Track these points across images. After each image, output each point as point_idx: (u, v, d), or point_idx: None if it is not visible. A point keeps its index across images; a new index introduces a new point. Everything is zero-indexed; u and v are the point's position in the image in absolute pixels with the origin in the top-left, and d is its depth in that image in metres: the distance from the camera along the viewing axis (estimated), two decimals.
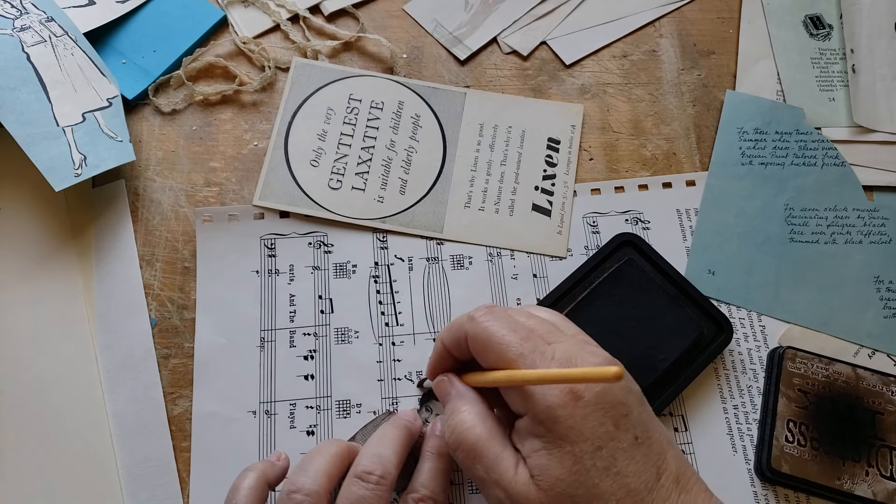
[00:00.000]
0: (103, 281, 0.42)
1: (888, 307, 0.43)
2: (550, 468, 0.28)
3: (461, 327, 0.32)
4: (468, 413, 0.31)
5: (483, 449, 0.30)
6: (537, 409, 0.29)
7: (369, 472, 0.31)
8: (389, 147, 0.46)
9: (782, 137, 0.47)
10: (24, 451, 0.38)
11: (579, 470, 0.28)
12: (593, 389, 0.28)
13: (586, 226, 0.44)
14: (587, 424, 0.28)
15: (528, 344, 0.30)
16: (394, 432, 0.34)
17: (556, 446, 0.28)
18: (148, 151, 0.45)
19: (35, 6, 0.45)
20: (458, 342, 0.33)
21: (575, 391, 0.28)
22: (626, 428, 0.29)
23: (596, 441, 0.28)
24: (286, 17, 0.49)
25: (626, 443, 0.28)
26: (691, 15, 0.51)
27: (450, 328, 0.34)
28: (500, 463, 0.30)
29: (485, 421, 0.31)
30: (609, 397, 0.29)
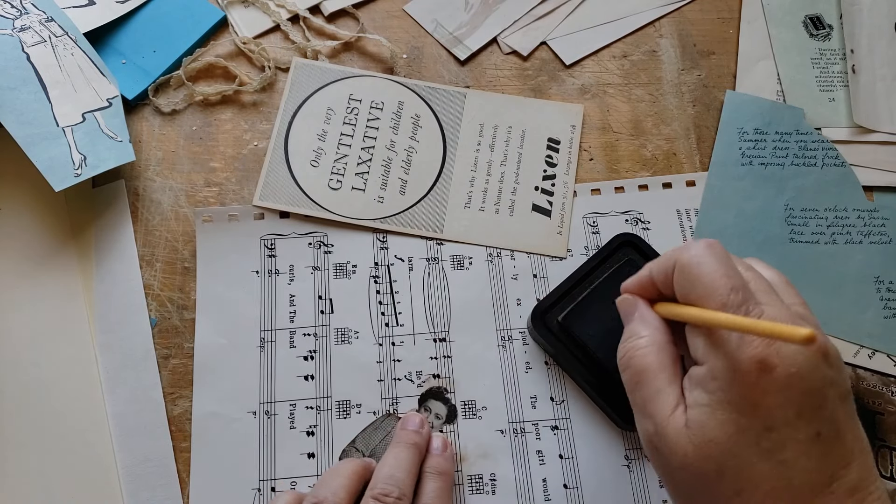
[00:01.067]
0: (103, 281, 0.42)
1: (888, 307, 0.43)
2: (708, 427, 0.26)
3: (673, 255, 0.30)
4: (646, 339, 0.30)
5: (649, 378, 0.29)
6: (718, 365, 0.26)
7: (386, 493, 0.32)
8: (389, 147, 0.46)
9: (782, 138, 0.47)
10: (24, 451, 0.38)
11: (738, 442, 0.26)
12: (788, 368, 0.25)
13: (586, 226, 0.44)
14: (766, 402, 0.25)
15: (738, 296, 0.27)
16: (406, 454, 0.35)
17: (723, 409, 0.26)
18: (148, 151, 0.45)
19: (35, 6, 0.45)
20: (666, 272, 0.30)
21: (767, 362, 0.25)
22: (810, 419, 0.26)
23: (768, 421, 0.25)
24: (286, 17, 0.49)
25: (805, 435, 0.26)
26: (691, 15, 0.51)
27: (664, 256, 0.31)
28: (659, 397, 0.28)
29: (660, 351, 0.29)
30: (804, 384, 0.25)
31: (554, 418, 0.39)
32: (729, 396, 0.26)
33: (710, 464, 0.26)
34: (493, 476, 0.38)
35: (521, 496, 0.38)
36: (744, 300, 0.27)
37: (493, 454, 0.39)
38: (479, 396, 0.40)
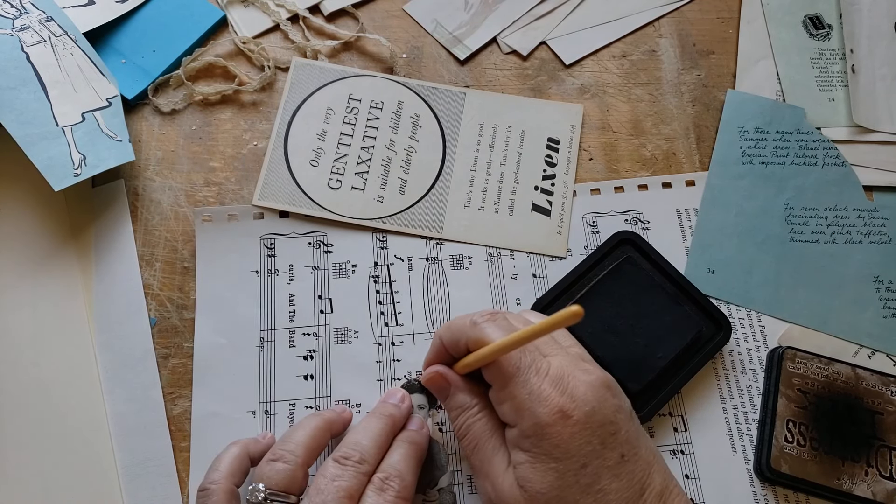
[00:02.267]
0: (103, 281, 0.42)
1: (888, 307, 0.43)
2: (533, 481, 0.29)
3: (462, 331, 0.33)
4: (478, 407, 0.33)
5: (485, 441, 0.32)
6: (526, 425, 0.30)
7: (347, 456, 0.33)
8: (389, 147, 0.46)
9: (783, 137, 0.47)
10: (24, 451, 0.38)
11: (561, 486, 0.29)
12: (582, 409, 0.29)
13: (586, 226, 0.44)
14: (574, 443, 0.29)
15: (526, 357, 0.31)
16: (376, 423, 0.35)
17: (541, 461, 0.29)
18: (147, 151, 0.45)
19: (35, 6, 0.45)
20: (456, 344, 0.34)
21: (564, 409, 0.29)
22: (613, 446, 0.29)
23: (581, 459, 0.29)
24: (286, 17, 0.49)
25: (612, 461, 0.29)
26: (691, 15, 0.51)
27: (450, 328, 0.34)
28: (493, 459, 0.31)
29: (490, 416, 0.33)
30: (598, 416, 0.29)
31: None
32: (543, 449, 0.29)
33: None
34: None
35: None
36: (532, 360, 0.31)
37: None
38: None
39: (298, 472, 0.33)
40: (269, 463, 0.33)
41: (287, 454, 0.33)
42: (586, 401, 0.29)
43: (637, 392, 0.37)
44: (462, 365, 0.34)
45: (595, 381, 0.30)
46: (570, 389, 0.30)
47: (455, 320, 0.34)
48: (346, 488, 0.31)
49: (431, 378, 0.35)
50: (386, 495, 0.32)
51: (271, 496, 0.32)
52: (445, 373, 0.34)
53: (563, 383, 0.30)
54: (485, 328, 0.32)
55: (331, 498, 0.31)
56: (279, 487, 0.32)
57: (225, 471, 0.33)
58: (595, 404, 0.29)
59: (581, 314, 0.27)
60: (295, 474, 0.32)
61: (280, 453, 0.33)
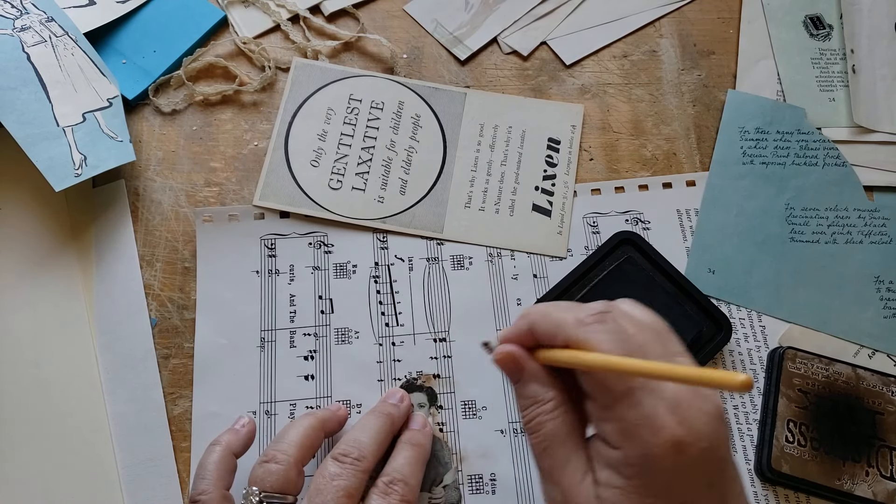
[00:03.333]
0: (103, 281, 0.42)
1: (888, 307, 0.43)
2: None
3: (563, 327, 0.28)
4: (553, 403, 0.29)
5: (558, 445, 0.28)
6: (632, 453, 0.26)
7: (345, 454, 0.32)
8: (389, 147, 0.46)
9: (784, 137, 0.47)
10: (24, 451, 0.38)
11: None
12: (699, 445, 0.25)
13: (586, 226, 0.44)
14: (681, 482, 0.25)
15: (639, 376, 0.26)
16: (375, 421, 0.35)
17: (637, 492, 0.26)
18: (148, 151, 0.45)
19: (35, 6, 0.45)
20: (552, 338, 0.29)
21: (681, 443, 0.25)
22: (718, 487, 0.26)
23: (682, 498, 0.26)
24: (286, 17, 0.49)
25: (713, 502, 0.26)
26: (691, 15, 0.51)
27: (547, 318, 0.29)
28: (568, 465, 0.28)
29: (566, 414, 0.29)
30: (713, 454, 0.26)
31: None
32: (645, 481, 0.25)
33: None
34: (493, 476, 0.38)
35: (520, 496, 0.38)
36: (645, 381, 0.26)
37: (492, 454, 0.39)
38: (479, 396, 0.40)
39: (292, 472, 0.32)
40: (262, 465, 0.32)
41: (279, 454, 0.33)
42: (705, 435, 0.25)
43: None
44: (550, 357, 0.29)
45: (714, 411, 0.26)
46: (688, 419, 0.25)
47: (554, 310, 0.29)
48: (344, 487, 0.31)
49: (503, 358, 0.30)
50: (390, 499, 0.32)
51: (267, 498, 0.31)
52: (521, 357, 0.30)
53: (681, 411, 0.25)
54: (593, 334, 0.27)
55: (330, 497, 0.31)
56: (274, 489, 0.32)
57: (213, 477, 0.33)
58: (713, 440, 0.25)
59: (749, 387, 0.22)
60: (288, 474, 0.32)
61: (272, 454, 0.33)
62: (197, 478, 0.33)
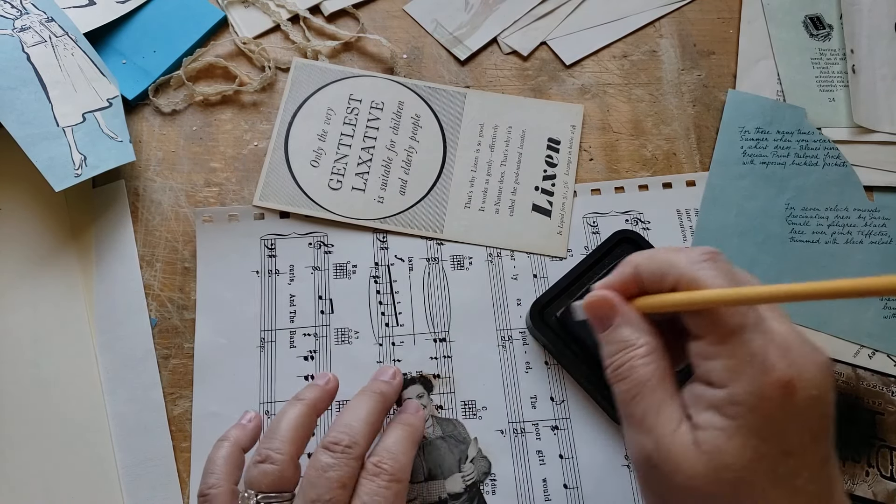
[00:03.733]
0: (103, 281, 0.42)
1: (888, 307, 0.43)
2: (724, 452, 0.25)
3: (674, 265, 0.27)
4: (646, 348, 0.28)
5: (649, 390, 0.27)
6: (740, 390, 0.25)
7: (336, 442, 0.32)
8: (389, 147, 0.46)
9: (784, 137, 0.47)
10: (24, 451, 0.38)
11: (755, 468, 0.25)
12: (810, 391, 0.25)
13: (586, 226, 0.44)
14: (789, 426, 0.25)
15: (753, 313, 0.26)
16: (366, 402, 0.34)
17: (741, 434, 0.25)
18: (148, 152, 0.45)
19: (35, 6, 0.45)
20: (660, 279, 0.28)
21: (791, 385, 0.24)
22: (822, 444, 0.26)
23: (787, 446, 0.25)
24: (286, 17, 0.49)
25: (817, 460, 0.25)
26: (691, 15, 0.51)
27: (653, 259, 0.29)
28: (662, 411, 0.27)
29: (660, 360, 0.28)
30: (821, 406, 0.25)
31: (554, 418, 0.39)
32: (750, 422, 0.25)
33: (722, 487, 0.25)
34: (494, 476, 0.38)
35: (521, 496, 0.38)
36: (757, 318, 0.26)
37: (493, 454, 0.39)
38: (479, 396, 0.40)
39: (288, 470, 0.32)
40: (256, 465, 0.32)
41: (273, 454, 0.32)
42: (815, 383, 0.25)
43: None
44: (657, 302, 0.28)
45: (825, 363, 0.26)
46: (798, 364, 0.25)
47: (661, 253, 0.29)
48: (337, 478, 0.31)
49: (595, 302, 0.29)
50: (379, 480, 0.31)
51: (264, 499, 0.31)
52: (614, 299, 0.29)
53: (792, 355, 0.25)
54: (706, 271, 0.27)
55: (324, 490, 0.30)
56: (271, 489, 0.31)
57: (221, 472, 0.32)
58: (822, 390, 0.25)
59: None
60: (284, 472, 0.32)
61: (266, 453, 0.32)
62: (206, 473, 0.33)
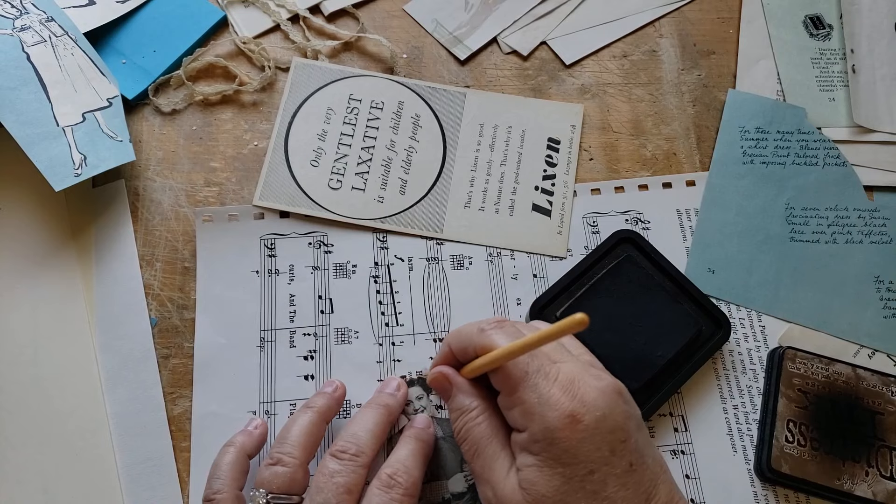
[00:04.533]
0: (103, 281, 0.42)
1: (888, 307, 0.43)
2: (538, 484, 0.29)
3: (470, 338, 0.33)
4: (477, 410, 0.32)
5: (484, 445, 0.31)
6: (535, 429, 0.29)
7: (343, 450, 0.33)
8: (389, 147, 0.46)
9: (784, 137, 0.47)
10: (24, 451, 0.38)
11: (567, 491, 0.28)
12: (593, 414, 0.28)
13: (586, 226, 0.44)
14: (583, 448, 0.28)
15: (535, 362, 0.30)
16: (372, 413, 0.36)
17: (548, 465, 0.29)
18: (148, 151, 0.45)
19: (35, 6, 0.45)
20: (464, 351, 0.33)
21: (575, 414, 0.28)
22: (622, 454, 0.29)
23: (589, 465, 0.28)
24: (286, 17, 0.49)
25: (620, 469, 0.29)
26: (691, 15, 0.51)
27: (458, 335, 0.34)
28: (496, 462, 0.31)
29: (491, 418, 0.32)
30: (608, 423, 0.29)
31: None
32: (551, 454, 0.28)
33: None
34: None
35: None
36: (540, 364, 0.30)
37: None
38: None
39: (298, 473, 0.33)
40: (268, 467, 0.33)
41: (285, 457, 0.33)
42: (597, 406, 0.29)
43: (636, 390, 0.37)
44: (469, 369, 0.33)
45: (606, 387, 0.30)
46: (580, 394, 0.29)
47: (463, 327, 0.34)
48: (344, 484, 0.32)
49: (435, 378, 0.34)
50: (393, 493, 0.32)
51: (273, 500, 0.32)
52: (449, 373, 0.34)
53: (574, 388, 0.29)
54: (492, 335, 0.32)
55: (331, 495, 0.31)
56: (281, 490, 0.32)
57: (227, 478, 0.33)
58: (606, 410, 0.29)
59: (586, 322, 0.27)
60: (294, 475, 0.33)
61: (278, 456, 0.33)
62: (211, 478, 0.34)
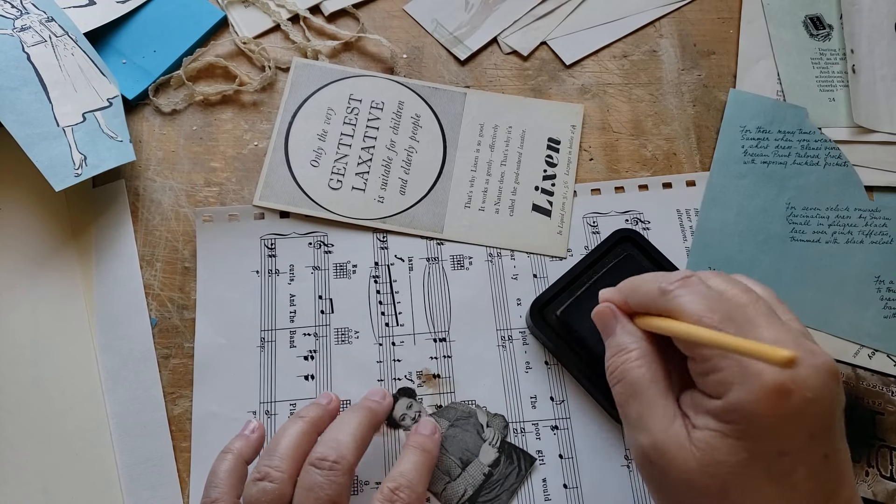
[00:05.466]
0: (103, 281, 0.42)
1: (888, 307, 0.43)
2: (719, 450, 0.26)
3: (651, 299, 0.30)
4: (637, 352, 0.30)
5: (643, 390, 0.29)
6: (734, 400, 0.26)
7: (323, 458, 0.31)
8: (389, 147, 0.46)
9: (785, 136, 0.47)
10: (24, 451, 0.38)
11: (749, 466, 0.25)
12: (804, 394, 0.25)
13: (586, 226, 0.44)
14: (783, 428, 0.25)
15: (731, 326, 0.27)
16: (353, 416, 0.34)
17: (735, 437, 0.26)
18: (148, 151, 0.45)
19: (35, 6, 0.45)
20: (647, 310, 0.30)
21: (784, 389, 0.25)
22: (821, 442, 0.26)
23: (783, 446, 0.25)
24: (286, 17, 0.49)
25: (815, 458, 0.26)
26: (691, 15, 0.51)
27: (636, 291, 0.31)
28: (655, 409, 0.28)
29: (653, 363, 0.29)
30: (818, 406, 0.26)
31: (554, 418, 0.39)
32: (745, 427, 0.26)
33: (714, 481, 0.26)
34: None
35: (521, 496, 0.38)
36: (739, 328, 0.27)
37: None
38: (479, 396, 0.40)
39: (287, 488, 0.31)
40: (255, 483, 0.32)
41: (273, 472, 0.32)
42: (809, 386, 0.25)
43: None
44: (647, 323, 0.30)
45: (822, 365, 0.26)
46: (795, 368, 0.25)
47: (640, 282, 0.31)
48: (326, 498, 0.30)
49: (602, 311, 0.32)
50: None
51: None
52: (615, 311, 0.31)
53: None
54: (679, 299, 0.28)
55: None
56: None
57: (224, 485, 0.32)
58: (819, 391, 0.25)
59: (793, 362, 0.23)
60: (283, 491, 0.31)
61: (266, 471, 0.32)
62: (208, 485, 0.33)
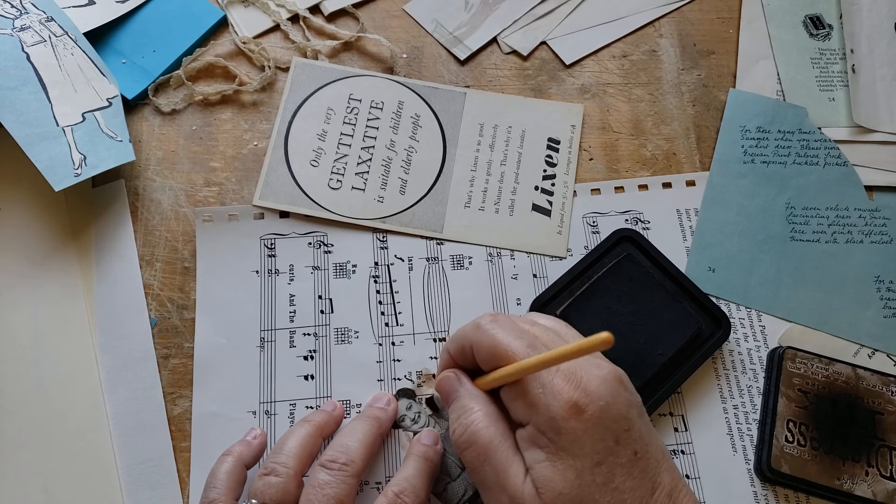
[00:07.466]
0: (103, 281, 0.42)
1: (888, 307, 0.43)
2: (553, 481, 0.28)
3: (465, 336, 0.32)
4: (481, 413, 0.31)
5: (495, 451, 0.30)
6: (540, 420, 0.29)
7: (333, 460, 0.33)
8: (389, 147, 0.46)
9: (785, 136, 0.47)
10: (24, 451, 0.38)
11: (580, 485, 0.28)
12: (596, 403, 0.28)
13: (586, 226, 0.44)
14: (588, 438, 0.28)
15: (535, 353, 0.30)
16: (362, 424, 0.35)
17: (559, 458, 0.28)
18: (148, 151, 0.45)
19: (35, 6, 0.45)
20: (463, 351, 0.33)
21: (578, 404, 0.28)
22: (626, 443, 0.29)
23: (595, 456, 0.28)
24: (286, 17, 0.49)
25: (625, 458, 0.28)
26: (691, 15, 0.51)
27: (454, 338, 0.34)
28: (510, 468, 0.29)
29: (497, 422, 0.31)
30: (612, 411, 0.28)
31: None
32: (559, 445, 0.28)
33: None
34: None
35: None
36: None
37: None
38: None
39: (291, 484, 0.33)
40: (261, 478, 0.33)
41: (279, 467, 0.33)
42: (600, 395, 0.28)
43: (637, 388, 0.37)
44: (483, 382, 0.32)
45: (607, 375, 0.29)
46: (583, 384, 0.29)
47: (459, 330, 0.33)
48: (334, 495, 0.31)
49: (442, 380, 0.34)
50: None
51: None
52: (460, 375, 0.33)
53: (576, 378, 0.29)
54: (490, 330, 0.31)
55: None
56: (273, 501, 0.32)
57: (223, 487, 0.33)
58: (609, 399, 0.28)
59: (611, 341, 0.26)
60: (288, 486, 0.33)
61: (272, 466, 0.33)
62: (207, 486, 0.34)
